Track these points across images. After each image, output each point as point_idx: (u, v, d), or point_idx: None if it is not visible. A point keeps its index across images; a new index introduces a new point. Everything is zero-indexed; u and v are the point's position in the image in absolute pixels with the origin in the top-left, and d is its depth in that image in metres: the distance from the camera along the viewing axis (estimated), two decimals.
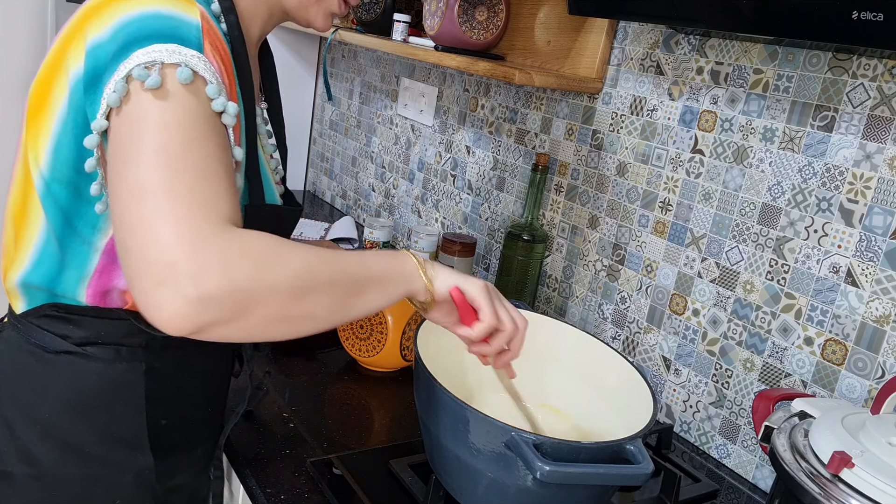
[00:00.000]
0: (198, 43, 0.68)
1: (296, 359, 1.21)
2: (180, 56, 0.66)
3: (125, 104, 0.65)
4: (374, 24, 1.70)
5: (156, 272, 0.60)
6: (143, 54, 0.65)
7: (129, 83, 0.65)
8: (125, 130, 0.66)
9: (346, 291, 0.69)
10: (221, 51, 0.71)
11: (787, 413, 0.82)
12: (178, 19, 0.68)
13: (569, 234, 1.40)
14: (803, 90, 1.01)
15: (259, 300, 0.62)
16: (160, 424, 0.83)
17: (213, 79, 0.67)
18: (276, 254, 0.64)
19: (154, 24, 0.67)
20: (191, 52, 0.66)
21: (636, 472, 0.71)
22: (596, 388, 0.96)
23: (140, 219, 0.62)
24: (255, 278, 0.62)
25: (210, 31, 0.70)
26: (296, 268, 0.65)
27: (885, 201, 0.93)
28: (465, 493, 0.82)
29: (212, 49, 0.69)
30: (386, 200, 2.03)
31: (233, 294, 0.60)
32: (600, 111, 1.32)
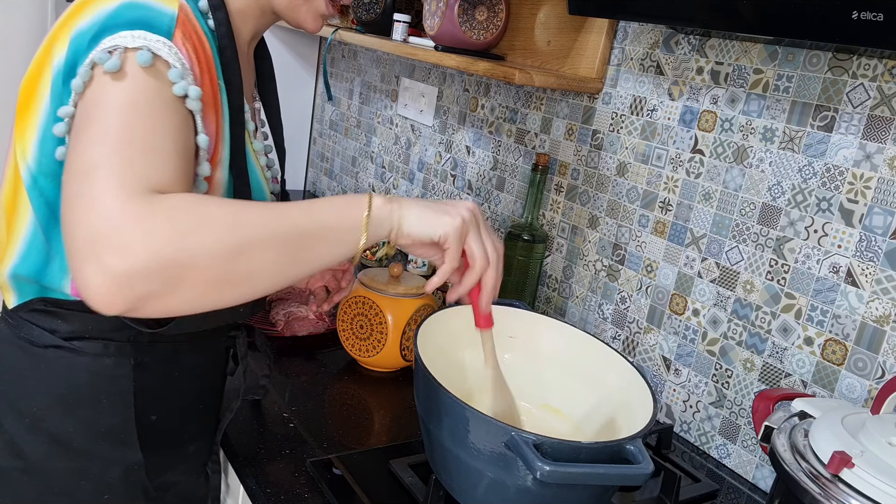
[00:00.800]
0: (167, 30, 0.69)
1: (296, 359, 1.21)
2: (143, 41, 0.66)
3: (87, 89, 0.67)
4: (374, 24, 1.70)
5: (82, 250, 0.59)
6: (108, 41, 0.67)
7: (94, 69, 0.67)
8: (82, 114, 0.67)
9: (290, 243, 0.65)
10: (196, 42, 0.72)
11: (787, 413, 0.82)
12: (153, 9, 0.69)
13: (569, 234, 1.40)
14: (803, 90, 1.01)
15: (189, 265, 0.60)
16: (149, 420, 0.83)
17: (178, 63, 0.67)
18: (201, 213, 0.62)
19: (127, 13, 0.68)
20: (155, 38, 0.67)
21: (636, 472, 0.71)
22: (596, 388, 0.96)
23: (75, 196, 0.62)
24: (179, 242, 0.60)
25: (186, 23, 0.71)
26: (225, 224, 0.62)
27: (885, 201, 0.93)
28: (465, 493, 0.82)
29: (183, 38, 0.70)
30: None
31: (159, 262, 0.59)
32: (600, 111, 1.32)
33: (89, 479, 0.82)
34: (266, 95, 0.98)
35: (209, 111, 0.73)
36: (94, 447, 0.81)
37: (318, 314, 1.26)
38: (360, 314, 1.17)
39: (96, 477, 0.82)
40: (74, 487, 0.81)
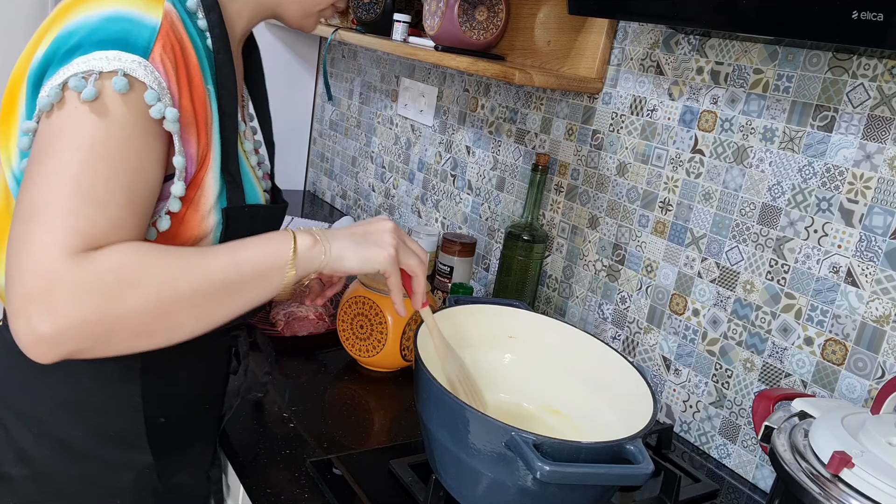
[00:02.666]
0: (146, 47, 0.67)
1: (296, 359, 1.21)
2: (119, 63, 0.65)
3: (56, 111, 0.65)
4: (374, 24, 1.70)
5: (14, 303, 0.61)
6: (82, 62, 0.65)
7: (65, 91, 0.65)
8: (43, 140, 0.66)
9: (214, 298, 0.68)
10: (178, 53, 0.70)
11: (787, 413, 0.82)
12: (134, 21, 0.67)
13: (569, 234, 1.40)
14: (803, 90, 1.01)
15: (115, 326, 0.63)
16: (159, 423, 0.83)
17: (155, 84, 0.66)
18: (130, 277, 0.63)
19: (105, 28, 0.67)
20: (131, 58, 0.66)
21: (636, 472, 0.71)
22: (596, 388, 0.96)
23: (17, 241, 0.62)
24: (105, 308, 0.62)
25: (169, 32, 0.69)
26: (152, 289, 0.64)
27: (885, 201, 0.93)
28: (465, 493, 0.82)
29: (163, 53, 0.68)
30: (386, 200, 2.03)
31: (84, 326, 0.61)
32: (600, 111, 1.32)
33: (99, 485, 0.81)
34: (254, 89, 0.96)
35: (190, 126, 0.71)
36: (104, 452, 0.80)
37: (318, 314, 1.26)
38: (360, 314, 1.17)
39: (106, 482, 0.81)
40: (84, 493, 0.80)
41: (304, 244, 0.73)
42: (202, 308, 0.68)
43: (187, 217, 0.74)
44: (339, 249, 0.76)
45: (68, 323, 0.60)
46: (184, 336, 0.68)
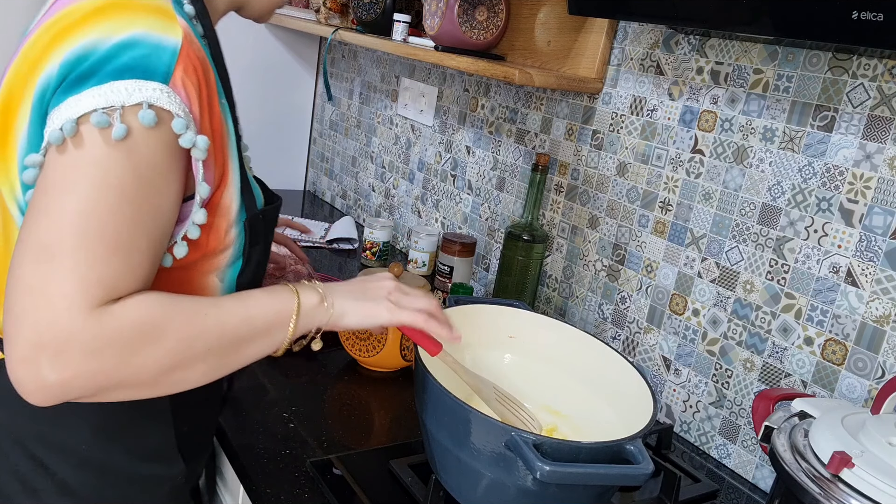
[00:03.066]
0: (166, 72, 0.63)
1: (296, 359, 1.21)
2: (141, 94, 0.61)
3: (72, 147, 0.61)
4: (374, 24, 1.70)
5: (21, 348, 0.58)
6: (99, 94, 0.61)
7: (81, 126, 0.61)
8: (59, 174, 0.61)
9: (224, 354, 0.68)
10: (201, 73, 0.66)
11: (787, 413, 0.82)
12: (153, 45, 0.63)
13: (569, 234, 1.40)
14: (803, 90, 1.01)
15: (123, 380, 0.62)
16: (184, 432, 0.83)
17: (181, 111, 0.63)
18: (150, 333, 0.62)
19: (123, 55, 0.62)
20: (153, 86, 0.62)
21: (636, 472, 0.71)
22: (596, 388, 0.96)
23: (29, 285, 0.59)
24: (121, 364, 0.61)
25: (189, 51, 0.65)
26: (170, 346, 0.64)
27: (885, 201, 0.93)
28: (465, 494, 0.82)
29: (184, 76, 0.64)
30: (386, 200, 2.03)
31: (94, 379, 0.60)
32: (600, 111, 1.32)
33: (140, 501, 0.82)
34: None
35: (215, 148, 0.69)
36: (143, 469, 0.80)
37: None
38: None
39: (147, 498, 0.82)
40: None
41: (309, 302, 0.74)
42: (211, 364, 0.68)
43: (208, 240, 0.73)
44: (341, 307, 0.77)
45: (79, 375, 0.59)
46: (184, 389, 0.68)
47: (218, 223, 0.72)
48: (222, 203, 0.72)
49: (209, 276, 0.75)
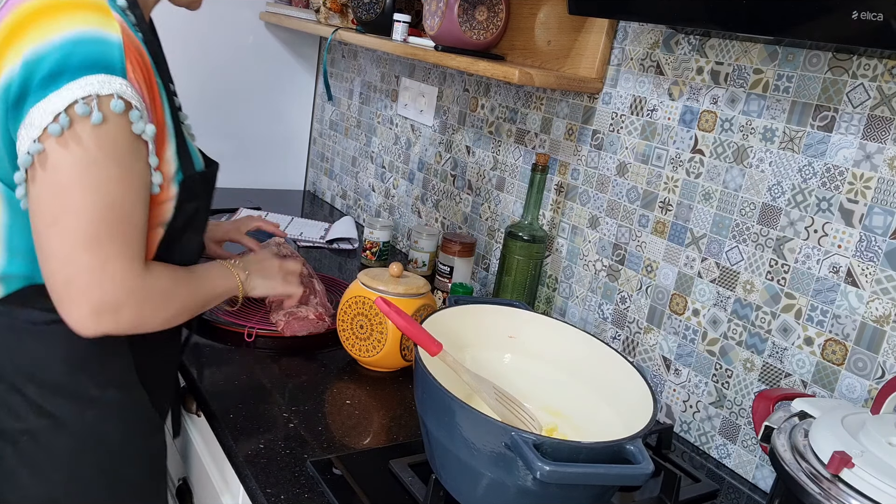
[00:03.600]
0: (122, 67, 0.77)
1: (296, 359, 1.21)
2: (111, 87, 0.76)
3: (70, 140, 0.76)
4: (374, 24, 1.70)
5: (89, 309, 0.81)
6: (77, 88, 0.74)
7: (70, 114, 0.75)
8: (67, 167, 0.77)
9: (197, 309, 0.96)
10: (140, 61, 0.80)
11: (787, 413, 0.82)
12: (104, 42, 0.76)
13: (569, 234, 1.40)
14: (803, 90, 1.01)
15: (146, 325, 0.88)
16: (143, 363, 0.97)
17: (138, 103, 0.78)
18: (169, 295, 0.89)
19: (79, 51, 0.75)
20: (119, 81, 0.76)
21: (636, 472, 0.71)
22: (596, 388, 0.96)
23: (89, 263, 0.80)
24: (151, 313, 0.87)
25: (130, 45, 0.79)
26: (178, 304, 0.91)
27: (885, 201, 0.93)
28: (465, 493, 0.82)
29: (132, 67, 0.78)
30: (386, 200, 2.03)
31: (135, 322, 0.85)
32: (600, 111, 1.32)
33: (114, 421, 0.94)
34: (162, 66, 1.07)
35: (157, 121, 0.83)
36: (108, 394, 0.93)
37: (318, 314, 1.26)
38: (360, 314, 1.17)
39: (120, 418, 0.95)
40: (104, 430, 0.93)
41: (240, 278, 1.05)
42: (190, 315, 0.95)
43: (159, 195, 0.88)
44: (253, 283, 1.07)
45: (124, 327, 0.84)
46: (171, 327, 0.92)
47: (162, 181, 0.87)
48: (164, 162, 0.86)
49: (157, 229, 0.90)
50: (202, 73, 2.14)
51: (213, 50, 2.14)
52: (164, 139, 0.86)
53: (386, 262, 1.76)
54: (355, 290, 1.19)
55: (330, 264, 1.73)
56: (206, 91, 2.16)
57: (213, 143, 2.18)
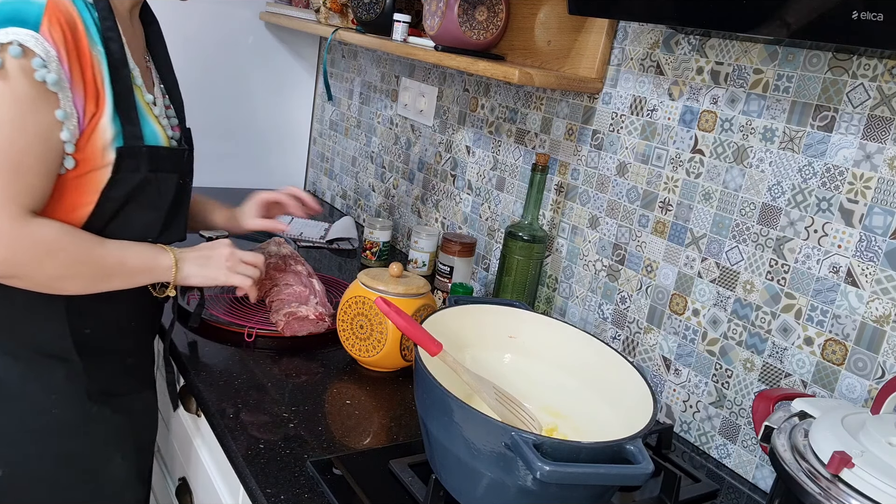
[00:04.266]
0: (35, 22, 0.84)
1: (296, 359, 1.21)
2: (14, 35, 0.83)
3: None
4: (374, 24, 1.70)
5: None
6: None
7: None
8: None
9: (97, 279, 0.96)
10: (64, 25, 0.86)
11: (787, 413, 0.82)
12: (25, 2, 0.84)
13: (569, 234, 1.40)
14: (803, 90, 1.01)
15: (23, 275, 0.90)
16: (84, 333, 1.00)
17: (43, 53, 0.84)
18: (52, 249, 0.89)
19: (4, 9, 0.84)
20: (25, 32, 0.83)
21: (636, 472, 0.71)
22: (596, 388, 0.96)
23: None
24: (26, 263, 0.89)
25: (55, 8, 0.86)
26: (62, 262, 0.91)
27: (885, 201, 0.93)
28: (465, 493, 0.82)
29: (50, 26, 0.85)
30: (386, 200, 2.03)
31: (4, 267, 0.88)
32: (600, 111, 1.32)
33: (38, 382, 0.98)
34: (156, 55, 1.10)
35: (77, 85, 0.88)
36: (37, 357, 0.97)
37: (319, 314, 1.26)
38: (360, 314, 1.17)
39: (44, 380, 0.98)
40: (25, 389, 0.97)
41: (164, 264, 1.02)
42: (87, 283, 0.95)
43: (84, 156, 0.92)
44: (187, 271, 1.05)
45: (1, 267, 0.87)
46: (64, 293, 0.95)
47: (94, 142, 0.92)
48: (99, 126, 0.91)
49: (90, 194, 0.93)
50: (202, 73, 2.14)
51: (213, 50, 2.14)
52: (98, 104, 0.91)
53: (386, 262, 1.76)
54: (355, 290, 1.19)
55: (330, 264, 1.73)
56: (205, 91, 2.16)
57: (213, 143, 2.18)
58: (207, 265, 1.08)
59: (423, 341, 0.85)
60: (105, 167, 0.93)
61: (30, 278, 0.91)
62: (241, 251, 1.13)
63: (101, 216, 0.96)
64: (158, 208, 1.02)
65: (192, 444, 1.22)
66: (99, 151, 0.92)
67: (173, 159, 1.02)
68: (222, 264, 1.09)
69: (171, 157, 1.01)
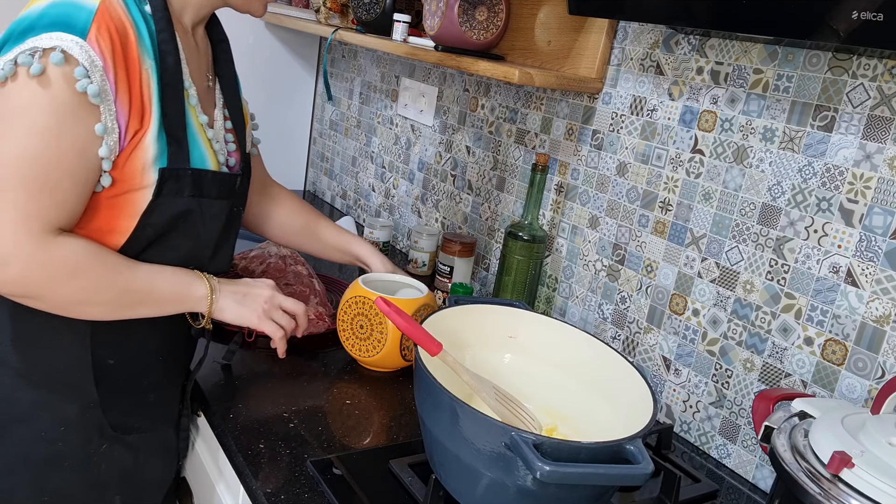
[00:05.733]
0: (83, 28, 0.79)
1: (296, 359, 1.21)
2: (59, 41, 0.78)
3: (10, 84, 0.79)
4: (374, 24, 1.70)
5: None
6: (30, 42, 0.78)
7: (17, 66, 0.78)
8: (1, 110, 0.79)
9: (122, 305, 0.89)
10: (114, 34, 0.81)
11: (787, 413, 0.82)
12: (74, 6, 0.80)
13: (569, 234, 1.40)
14: (803, 90, 1.01)
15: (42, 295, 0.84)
16: (106, 362, 0.94)
17: (87, 61, 0.78)
18: (72, 271, 0.83)
19: (51, 12, 0.79)
20: (70, 38, 0.78)
21: (636, 472, 0.71)
22: (596, 389, 0.96)
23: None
24: (45, 283, 0.82)
25: (105, 15, 0.80)
26: (83, 286, 0.84)
27: (885, 201, 0.93)
28: (465, 493, 0.82)
29: (98, 34, 0.79)
30: (386, 200, 2.03)
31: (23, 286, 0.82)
32: (600, 111, 1.32)
33: (48, 410, 0.91)
34: (222, 75, 1.05)
35: (123, 96, 0.82)
36: (52, 383, 0.91)
37: (319, 314, 1.26)
38: (360, 314, 1.17)
39: (54, 409, 0.91)
40: (34, 416, 0.91)
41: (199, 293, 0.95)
42: (110, 309, 0.88)
43: (123, 174, 0.86)
44: (223, 305, 0.97)
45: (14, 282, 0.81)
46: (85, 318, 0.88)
47: (134, 161, 0.85)
48: (142, 144, 0.85)
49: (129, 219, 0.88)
50: None
51: None
52: (143, 121, 0.85)
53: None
54: (355, 290, 1.19)
55: (330, 264, 1.73)
56: None
57: None
58: (244, 303, 0.99)
59: (423, 341, 0.85)
60: (145, 188, 0.86)
61: (47, 300, 0.84)
62: (283, 297, 1.04)
63: (139, 241, 0.89)
64: (203, 237, 0.95)
65: (192, 445, 1.22)
66: (139, 171, 0.86)
67: (222, 185, 0.95)
68: (259, 306, 1.00)
69: (220, 182, 0.94)
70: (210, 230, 0.96)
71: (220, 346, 1.18)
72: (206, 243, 0.97)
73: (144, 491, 1.05)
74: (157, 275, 0.90)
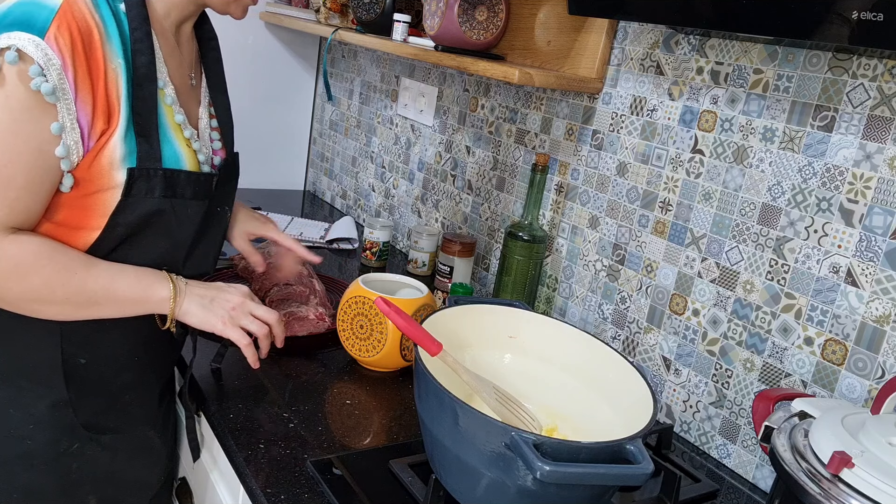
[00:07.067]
0: (42, 27, 0.78)
1: (296, 359, 1.21)
2: (15, 40, 0.77)
3: None
4: (374, 24, 1.70)
5: None
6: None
7: None
8: None
9: (78, 306, 0.86)
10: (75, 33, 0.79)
11: (787, 413, 0.82)
12: (36, 5, 0.79)
13: (569, 234, 1.40)
14: (803, 90, 1.01)
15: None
16: (77, 362, 0.92)
17: (42, 60, 0.77)
18: (24, 269, 0.81)
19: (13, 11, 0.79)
20: (27, 37, 0.77)
21: (636, 472, 0.71)
22: (596, 389, 0.96)
23: None
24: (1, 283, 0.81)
25: (68, 14, 0.79)
26: (35, 285, 0.83)
27: (885, 201, 0.93)
28: (465, 493, 0.82)
29: (58, 33, 0.78)
30: (386, 200, 2.03)
31: None
32: (600, 111, 1.32)
33: (17, 409, 0.91)
34: (210, 74, 1.04)
35: (84, 95, 0.81)
36: (21, 380, 0.90)
37: (319, 314, 1.26)
38: (360, 314, 1.17)
39: (24, 407, 0.91)
40: (3, 413, 0.90)
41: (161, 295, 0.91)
42: (66, 309, 0.86)
43: (90, 174, 0.84)
44: (187, 308, 0.93)
45: None
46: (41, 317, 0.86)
47: (101, 160, 0.84)
48: (109, 144, 0.84)
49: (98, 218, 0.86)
50: None
51: None
52: (111, 120, 0.83)
53: (386, 262, 1.76)
54: (355, 290, 1.19)
55: (330, 264, 1.73)
56: None
57: None
58: (210, 308, 0.94)
59: (423, 341, 0.85)
60: (114, 188, 0.85)
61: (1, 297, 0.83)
62: (256, 304, 0.99)
63: (110, 240, 0.88)
64: (178, 237, 0.93)
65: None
66: (105, 170, 0.84)
67: (197, 185, 0.93)
68: (225, 312, 0.95)
69: (195, 182, 0.92)
70: (185, 231, 0.94)
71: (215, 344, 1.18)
72: (180, 244, 0.95)
73: (124, 492, 1.04)
74: (116, 275, 0.88)
